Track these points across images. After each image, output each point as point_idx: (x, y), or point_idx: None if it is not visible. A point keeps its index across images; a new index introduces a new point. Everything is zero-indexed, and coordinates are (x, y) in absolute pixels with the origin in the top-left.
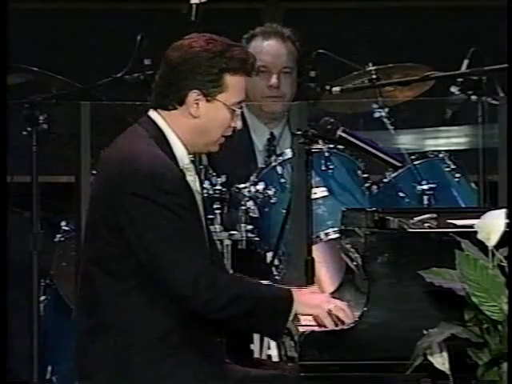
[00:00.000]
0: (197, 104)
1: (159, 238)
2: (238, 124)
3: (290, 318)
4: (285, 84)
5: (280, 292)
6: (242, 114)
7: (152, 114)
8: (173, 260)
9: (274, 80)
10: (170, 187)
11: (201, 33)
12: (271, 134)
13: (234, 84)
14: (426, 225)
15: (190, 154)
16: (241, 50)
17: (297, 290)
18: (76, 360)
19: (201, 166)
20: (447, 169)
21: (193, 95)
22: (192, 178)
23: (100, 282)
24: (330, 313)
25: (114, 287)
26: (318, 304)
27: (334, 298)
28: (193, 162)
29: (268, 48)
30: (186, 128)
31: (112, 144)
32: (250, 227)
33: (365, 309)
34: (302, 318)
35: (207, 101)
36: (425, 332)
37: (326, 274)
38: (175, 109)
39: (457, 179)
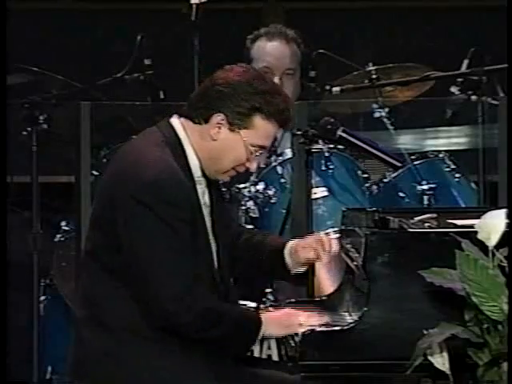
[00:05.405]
0: (219, 127)
1: (150, 249)
2: (253, 167)
3: (256, 340)
4: (287, 86)
5: (250, 317)
6: None
7: (174, 120)
8: (158, 275)
9: (276, 81)
10: (172, 199)
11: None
12: None
13: (262, 127)
14: (426, 225)
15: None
16: (283, 100)
17: (267, 313)
18: (71, 348)
19: None
20: (447, 169)
21: (217, 117)
22: (202, 191)
23: (93, 274)
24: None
25: (105, 279)
26: (290, 325)
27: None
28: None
29: (271, 49)
30: (201, 146)
31: (128, 142)
32: (250, 227)
33: (365, 309)
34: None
35: (230, 130)
36: (425, 332)
37: (325, 274)
38: (199, 124)
39: (457, 179)
